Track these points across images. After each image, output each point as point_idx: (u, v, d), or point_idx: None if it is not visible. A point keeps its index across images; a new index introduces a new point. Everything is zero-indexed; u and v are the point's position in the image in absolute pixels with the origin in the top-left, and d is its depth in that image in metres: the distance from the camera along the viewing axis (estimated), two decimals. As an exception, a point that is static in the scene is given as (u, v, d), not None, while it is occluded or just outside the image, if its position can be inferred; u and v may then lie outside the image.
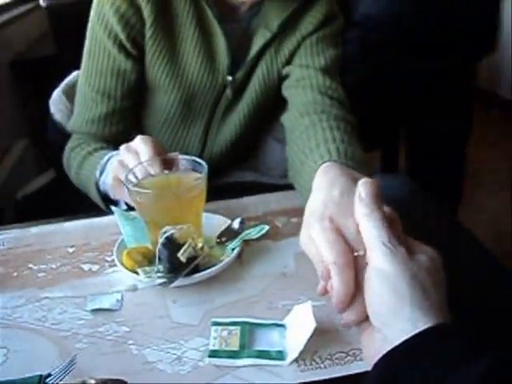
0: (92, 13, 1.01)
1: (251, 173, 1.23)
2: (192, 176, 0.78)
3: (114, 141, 1.04)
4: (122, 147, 0.86)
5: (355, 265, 0.56)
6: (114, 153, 0.95)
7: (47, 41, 2.58)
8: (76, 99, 1.10)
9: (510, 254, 2.15)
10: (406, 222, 0.59)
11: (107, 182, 0.94)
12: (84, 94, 1.06)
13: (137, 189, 0.74)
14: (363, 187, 0.57)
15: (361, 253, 0.56)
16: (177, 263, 0.71)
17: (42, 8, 2.26)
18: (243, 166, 1.23)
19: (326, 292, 0.58)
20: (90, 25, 1.02)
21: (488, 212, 2.81)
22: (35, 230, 0.93)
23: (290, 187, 0.94)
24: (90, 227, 0.92)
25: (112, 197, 0.96)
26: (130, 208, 0.88)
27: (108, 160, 0.96)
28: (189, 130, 1.12)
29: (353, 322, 0.57)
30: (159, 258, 0.72)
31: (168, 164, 0.81)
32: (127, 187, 0.75)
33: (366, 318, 0.56)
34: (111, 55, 1.01)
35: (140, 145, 0.83)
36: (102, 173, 0.96)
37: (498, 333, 0.64)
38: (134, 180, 0.77)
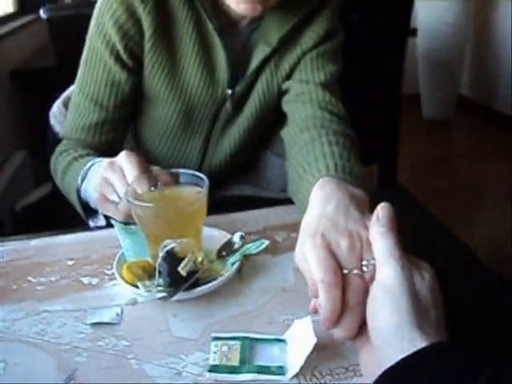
0: (92, 22, 1.02)
1: (250, 187, 1.23)
2: (193, 190, 0.79)
3: (103, 149, 1.05)
4: (106, 163, 0.85)
5: (344, 283, 0.56)
6: (97, 160, 0.95)
7: (47, 52, 2.59)
8: (69, 106, 1.11)
9: (509, 268, 2.15)
10: (403, 237, 0.60)
11: (88, 189, 0.94)
12: (77, 102, 1.07)
13: (138, 202, 0.74)
14: (382, 210, 0.59)
15: (354, 271, 0.57)
16: (177, 277, 0.71)
17: (43, 20, 2.27)
18: (242, 180, 1.24)
19: (316, 310, 0.58)
20: (88, 34, 1.03)
21: (487, 224, 2.82)
22: (35, 243, 0.93)
23: (289, 201, 0.94)
24: (90, 240, 0.92)
25: (92, 205, 0.96)
26: (109, 223, 0.88)
27: (90, 167, 0.96)
28: (188, 143, 1.13)
29: (343, 338, 0.57)
30: (159, 272, 0.72)
31: (154, 180, 0.81)
32: (128, 200, 0.75)
33: (360, 334, 0.56)
34: (107, 65, 1.02)
35: (125, 163, 0.83)
36: (83, 180, 0.96)
37: (496, 343, 0.65)
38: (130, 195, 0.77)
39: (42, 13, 1.95)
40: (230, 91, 1.06)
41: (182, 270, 0.71)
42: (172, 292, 0.70)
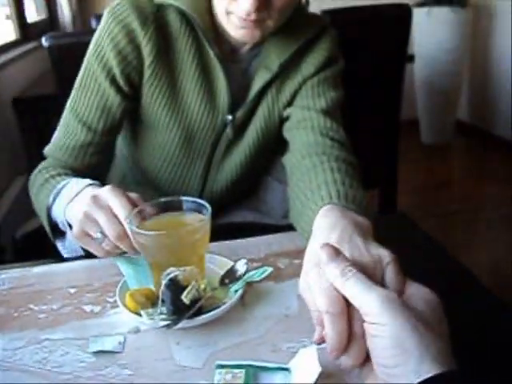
0: (91, 44, 1.03)
1: (251, 213, 1.23)
2: (195, 217, 0.79)
3: (84, 173, 1.00)
4: (89, 197, 0.82)
5: (349, 312, 0.56)
6: (73, 180, 0.94)
7: (48, 80, 2.62)
8: (59, 125, 1.09)
9: (510, 292, 2.15)
10: (405, 263, 0.60)
11: (58, 209, 0.92)
12: (66, 121, 1.06)
13: (140, 231, 0.74)
14: (323, 250, 0.59)
15: None
16: (180, 305, 0.70)
17: (44, 48, 2.29)
18: (243, 206, 1.23)
19: (322, 340, 0.58)
20: (86, 55, 1.03)
21: (487, 247, 2.82)
22: (36, 270, 0.93)
23: (290, 228, 0.94)
24: (92, 268, 0.92)
25: (61, 227, 0.94)
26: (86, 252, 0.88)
27: (64, 186, 0.94)
28: (189, 169, 1.13)
29: (351, 366, 0.57)
30: (162, 300, 0.71)
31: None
32: (131, 229, 0.75)
33: (367, 362, 0.56)
34: (101, 88, 1.02)
35: (113, 200, 0.80)
36: (55, 199, 0.94)
37: (498, 368, 0.64)
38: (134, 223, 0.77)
39: (43, 41, 1.97)
40: (230, 117, 1.06)
41: (185, 297, 0.70)
42: (175, 320, 0.70)
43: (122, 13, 0.98)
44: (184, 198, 0.82)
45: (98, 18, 2.80)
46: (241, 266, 0.80)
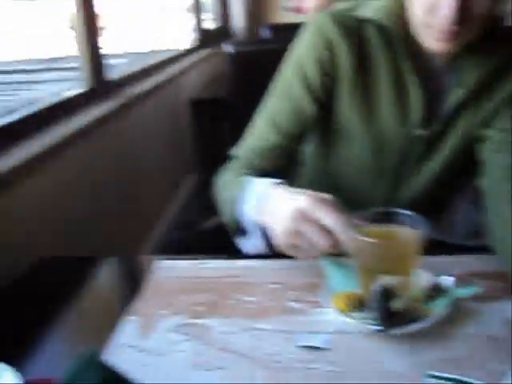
0: (290, 55, 1.08)
1: (433, 230, 1.22)
2: (411, 231, 0.80)
3: (269, 176, 0.99)
4: (292, 210, 0.81)
5: None
6: (258, 180, 0.95)
7: (220, 83, 2.77)
8: (248, 131, 1.13)
9: None
10: None
11: (242, 207, 0.93)
12: (258, 125, 1.11)
13: (362, 237, 0.77)
14: None
15: None
16: (389, 312, 0.74)
17: (220, 53, 2.43)
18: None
19: None
20: (284, 66, 1.09)
21: None
22: (239, 264, 0.99)
23: (475, 249, 0.93)
24: (290, 267, 0.96)
25: (244, 225, 0.95)
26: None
27: (249, 184, 0.95)
28: (376, 182, 1.15)
29: None
30: (372, 306, 0.75)
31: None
32: (351, 235, 0.78)
33: None
34: (297, 96, 1.06)
35: (319, 210, 0.80)
36: (241, 197, 0.96)
37: None
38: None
39: (225, 47, 2.09)
40: (422, 132, 1.06)
41: (395, 306, 0.73)
42: (384, 326, 0.73)
43: (325, 26, 1.03)
44: (402, 210, 0.83)
45: (271, 28, 2.91)
46: (446, 282, 0.81)
